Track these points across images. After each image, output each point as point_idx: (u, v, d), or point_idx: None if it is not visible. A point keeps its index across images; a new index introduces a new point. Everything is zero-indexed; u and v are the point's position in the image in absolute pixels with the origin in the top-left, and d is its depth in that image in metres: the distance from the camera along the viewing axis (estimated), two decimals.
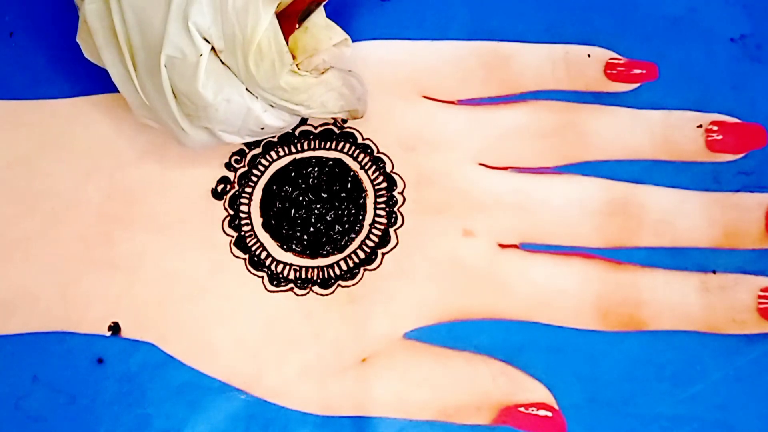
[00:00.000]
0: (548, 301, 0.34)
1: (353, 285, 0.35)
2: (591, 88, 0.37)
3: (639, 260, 0.35)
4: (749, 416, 0.33)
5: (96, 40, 0.32)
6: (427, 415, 0.33)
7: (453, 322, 0.34)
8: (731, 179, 0.36)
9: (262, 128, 0.33)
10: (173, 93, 0.31)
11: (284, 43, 0.31)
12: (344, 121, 0.36)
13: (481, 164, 0.36)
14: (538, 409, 0.33)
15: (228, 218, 0.36)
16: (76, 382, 0.33)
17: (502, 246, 0.35)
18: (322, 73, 0.32)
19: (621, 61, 0.37)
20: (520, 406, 0.33)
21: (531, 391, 0.33)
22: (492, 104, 0.37)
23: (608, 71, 0.37)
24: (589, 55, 0.38)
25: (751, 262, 0.35)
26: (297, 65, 0.32)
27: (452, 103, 0.37)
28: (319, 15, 0.32)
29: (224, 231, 0.35)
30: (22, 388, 0.33)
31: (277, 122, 0.33)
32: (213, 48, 0.31)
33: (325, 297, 0.34)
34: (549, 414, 0.33)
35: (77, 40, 0.33)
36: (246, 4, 0.30)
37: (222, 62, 0.31)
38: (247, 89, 0.32)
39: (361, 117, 0.35)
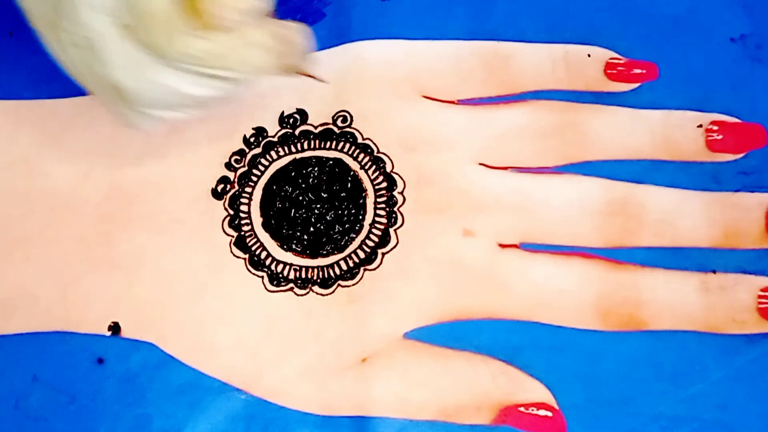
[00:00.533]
0: (548, 301, 0.34)
1: (353, 285, 0.35)
2: (591, 87, 0.37)
3: (639, 260, 0.35)
4: (749, 416, 0.33)
5: (32, 20, 0.31)
6: (427, 415, 0.33)
7: (453, 322, 0.34)
8: (731, 179, 0.36)
9: (198, 102, 0.31)
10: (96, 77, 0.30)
11: (185, 4, 0.29)
12: (282, 74, 0.32)
13: (481, 164, 0.36)
14: (538, 409, 0.33)
15: (228, 218, 0.36)
16: (76, 382, 0.33)
17: (502, 246, 0.35)
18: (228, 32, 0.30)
19: (621, 61, 0.37)
20: (520, 406, 0.33)
21: (531, 391, 0.33)
22: (492, 104, 0.37)
23: (608, 71, 0.37)
24: (589, 55, 0.38)
25: (751, 262, 0.35)
26: (210, 21, 0.29)
27: (452, 103, 0.37)
28: None
29: (224, 231, 0.35)
30: (22, 388, 0.33)
31: (207, 91, 0.31)
32: (125, 25, 0.29)
33: (325, 297, 0.34)
34: (549, 414, 0.33)
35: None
36: None
37: (135, 41, 0.29)
38: (163, 65, 0.30)
39: (302, 73, 0.32)
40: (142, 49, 0.29)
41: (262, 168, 0.36)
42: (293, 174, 0.36)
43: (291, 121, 0.37)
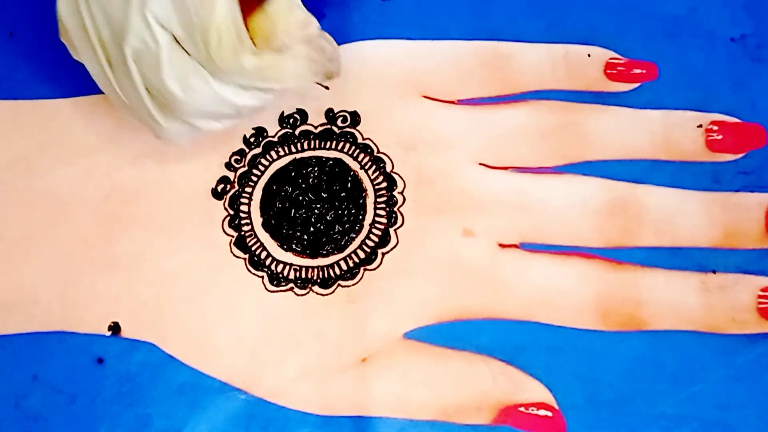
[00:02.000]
0: (548, 301, 0.34)
1: (353, 285, 0.35)
2: (591, 87, 0.37)
3: (639, 260, 0.35)
4: (749, 416, 0.33)
5: (73, 39, 0.32)
6: (427, 415, 0.33)
7: (453, 322, 0.34)
8: (731, 179, 0.36)
9: (239, 111, 0.33)
10: (146, 87, 0.31)
11: (243, 25, 0.30)
12: (322, 81, 0.34)
13: (481, 164, 0.36)
14: (538, 409, 0.33)
15: (228, 218, 0.36)
16: (76, 382, 0.33)
17: (502, 246, 0.35)
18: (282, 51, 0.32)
19: (621, 61, 0.37)
20: (520, 405, 0.33)
21: (531, 391, 0.33)
22: (492, 104, 0.37)
23: (608, 71, 0.37)
24: (589, 55, 0.38)
25: (751, 262, 0.35)
26: (263, 39, 0.31)
27: (452, 102, 0.37)
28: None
29: (224, 231, 0.35)
30: (22, 388, 0.33)
31: (252, 101, 0.32)
32: (176, 38, 0.30)
33: (325, 297, 0.34)
34: (549, 414, 0.33)
35: (61, 39, 0.33)
36: None
37: (186, 51, 0.30)
38: (214, 76, 0.31)
39: (337, 76, 0.34)
40: (195, 60, 0.31)
41: (262, 168, 0.36)
42: (293, 174, 0.36)
43: (291, 121, 0.37)
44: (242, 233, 0.35)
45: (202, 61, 0.31)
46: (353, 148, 0.36)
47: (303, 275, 0.35)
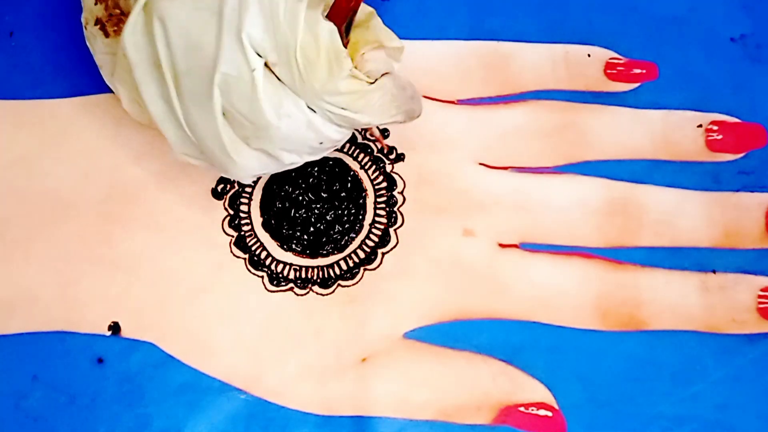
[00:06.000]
0: (548, 301, 0.34)
1: (353, 285, 0.35)
2: (591, 87, 0.37)
3: (639, 260, 0.35)
4: (749, 416, 0.33)
5: (135, 75, 0.30)
6: (427, 414, 0.33)
7: (453, 322, 0.34)
8: (731, 179, 0.36)
9: (321, 143, 0.31)
10: (224, 117, 0.30)
11: (341, 44, 0.30)
12: (403, 122, 0.33)
13: (481, 164, 0.36)
14: (538, 409, 0.33)
15: (228, 218, 0.36)
16: (76, 382, 0.33)
17: (502, 246, 0.35)
18: (375, 80, 0.31)
19: (621, 61, 0.37)
20: (520, 405, 0.33)
21: (531, 391, 0.33)
22: (492, 104, 0.37)
23: (608, 71, 0.37)
24: (589, 55, 0.38)
25: (751, 262, 0.35)
26: (355, 66, 0.30)
27: (452, 102, 0.37)
28: (377, 19, 0.32)
29: (224, 231, 0.35)
30: (22, 388, 0.33)
31: (336, 135, 0.31)
32: (266, 63, 0.29)
33: (325, 297, 0.34)
34: (549, 414, 0.33)
35: (110, 83, 0.32)
36: (295, 9, 0.29)
37: (276, 77, 0.29)
38: (307, 105, 0.30)
39: (417, 117, 0.32)
40: (290, 86, 0.30)
41: None
42: (293, 174, 0.36)
43: None
44: (242, 233, 0.35)
45: (296, 86, 0.29)
46: (353, 148, 0.36)
47: (303, 275, 0.35)
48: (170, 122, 0.31)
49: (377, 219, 0.36)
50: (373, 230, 0.35)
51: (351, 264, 0.35)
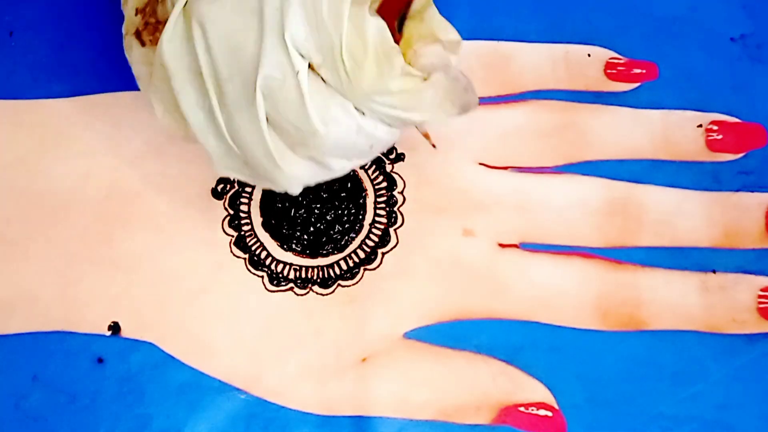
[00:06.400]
0: (548, 301, 0.34)
1: (353, 285, 0.35)
2: (591, 87, 0.37)
3: (639, 260, 0.35)
4: (749, 416, 0.33)
5: (174, 84, 0.29)
6: (427, 414, 0.33)
7: (453, 322, 0.34)
8: (731, 179, 0.36)
9: (371, 146, 0.30)
10: (268, 124, 0.28)
11: (392, 41, 0.28)
12: (458, 116, 0.30)
13: (481, 164, 0.36)
14: (538, 409, 0.33)
15: (228, 218, 0.36)
16: (76, 382, 0.33)
17: (502, 246, 0.35)
18: (427, 78, 0.29)
19: (621, 61, 0.37)
20: (520, 405, 0.33)
21: (531, 390, 0.33)
22: (492, 104, 0.37)
23: (608, 71, 0.37)
24: (589, 55, 0.38)
25: (751, 262, 0.35)
26: (408, 61, 0.29)
27: None
28: (434, 8, 0.30)
29: (224, 230, 0.35)
30: (22, 388, 0.33)
31: (387, 136, 0.30)
32: (311, 65, 0.28)
33: (325, 297, 0.34)
34: (549, 414, 0.33)
35: (148, 95, 0.30)
36: (339, 6, 0.27)
37: (322, 79, 0.28)
38: (354, 107, 0.29)
39: (474, 109, 0.30)
40: (337, 88, 0.28)
41: None
42: None
43: None
44: (242, 233, 0.35)
45: (343, 88, 0.28)
46: None
47: (303, 275, 0.35)
48: (211, 133, 0.29)
49: (377, 219, 0.36)
50: (373, 230, 0.35)
51: (351, 264, 0.35)
